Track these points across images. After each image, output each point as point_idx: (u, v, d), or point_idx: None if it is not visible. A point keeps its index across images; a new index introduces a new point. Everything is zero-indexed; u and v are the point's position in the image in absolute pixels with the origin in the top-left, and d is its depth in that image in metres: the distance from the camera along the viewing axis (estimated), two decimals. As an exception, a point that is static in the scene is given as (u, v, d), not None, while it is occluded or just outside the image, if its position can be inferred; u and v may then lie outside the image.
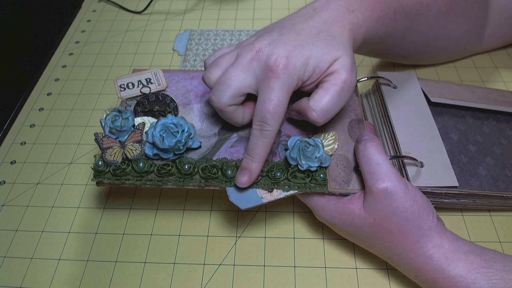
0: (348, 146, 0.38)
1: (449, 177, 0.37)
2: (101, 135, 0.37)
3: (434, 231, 0.33)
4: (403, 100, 0.43)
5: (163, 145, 0.35)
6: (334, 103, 0.34)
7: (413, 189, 0.33)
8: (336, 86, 0.33)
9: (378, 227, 0.34)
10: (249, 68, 0.34)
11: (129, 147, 0.37)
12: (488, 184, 0.39)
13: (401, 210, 0.33)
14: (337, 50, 0.33)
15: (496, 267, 0.31)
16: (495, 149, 0.42)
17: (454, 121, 0.43)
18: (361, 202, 0.34)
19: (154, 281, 0.39)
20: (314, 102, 0.33)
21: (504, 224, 0.42)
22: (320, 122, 0.34)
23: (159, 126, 0.36)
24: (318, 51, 0.33)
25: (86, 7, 0.73)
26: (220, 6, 0.71)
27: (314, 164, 0.35)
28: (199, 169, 0.36)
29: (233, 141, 0.39)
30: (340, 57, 0.33)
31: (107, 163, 0.36)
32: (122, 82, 0.43)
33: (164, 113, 0.41)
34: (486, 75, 0.56)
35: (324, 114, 0.34)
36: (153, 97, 0.42)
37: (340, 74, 0.33)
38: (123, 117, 0.37)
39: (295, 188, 0.36)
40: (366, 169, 0.34)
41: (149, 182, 0.36)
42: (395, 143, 0.39)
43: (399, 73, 0.46)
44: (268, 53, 0.33)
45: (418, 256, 0.33)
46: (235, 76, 0.34)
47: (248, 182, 0.35)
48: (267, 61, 0.33)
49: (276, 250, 0.41)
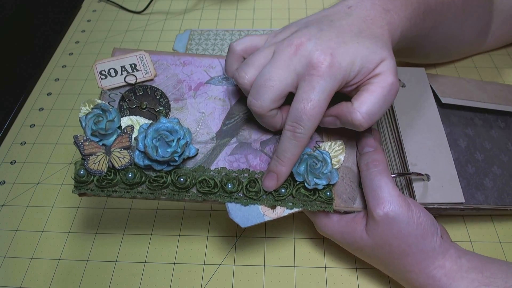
0: (354, 156, 0.37)
1: (455, 193, 0.36)
2: (82, 138, 0.32)
3: (437, 252, 0.32)
4: (411, 102, 0.41)
5: (157, 156, 0.32)
6: (381, 106, 0.31)
7: (417, 211, 0.32)
8: (383, 88, 0.31)
9: (379, 249, 0.33)
10: (289, 65, 0.31)
11: (116, 154, 0.32)
12: (493, 197, 0.38)
13: (404, 235, 0.32)
14: (382, 50, 0.31)
15: (496, 284, 0.31)
16: (502, 156, 0.41)
17: (463, 125, 0.42)
18: (364, 223, 0.34)
19: (154, 281, 0.39)
20: (360, 104, 0.31)
21: (504, 224, 0.42)
22: (364, 126, 0.31)
23: (151, 132, 0.32)
24: (364, 50, 0.31)
25: (86, 7, 0.73)
26: (220, 6, 0.71)
27: (322, 182, 0.33)
28: (196, 181, 0.33)
29: (233, 147, 0.36)
30: (386, 58, 0.31)
31: (90, 172, 0.32)
32: (103, 67, 0.36)
33: (154, 110, 0.36)
34: (486, 75, 0.56)
35: (370, 117, 0.31)
36: (140, 91, 0.37)
37: (387, 77, 0.31)
38: (107, 118, 0.32)
39: (299, 205, 0.34)
40: (368, 192, 0.33)
41: (139, 194, 0.33)
42: (402, 153, 0.38)
43: (407, 68, 0.44)
44: (311, 48, 0.30)
45: (419, 277, 0.33)
46: (276, 75, 0.31)
47: (275, 186, 0.33)
48: (310, 57, 0.30)
49: (276, 250, 0.41)
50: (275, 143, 0.36)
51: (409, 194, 0.36)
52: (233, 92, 0.38)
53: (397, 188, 0.33)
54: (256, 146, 0.36)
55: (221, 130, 0.36)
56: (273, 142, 0.36)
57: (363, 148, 0.36)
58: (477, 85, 0.47)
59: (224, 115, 0.37)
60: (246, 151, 0.36)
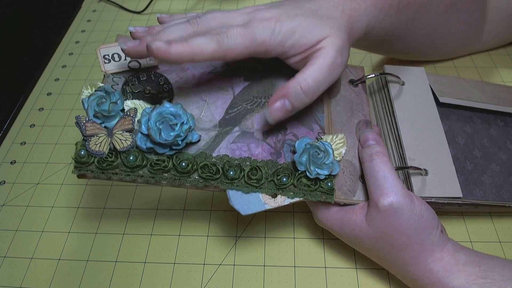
0: (355, 150, 0.37)
1: (453, 187, 0.36)
2: (84, 119, 0.32)
3: (436, 245, 0.33)
4: (410, 100, 0.42)
5: (160, 138, 0.32)
6: (324, 75, 0.33)
7: (419, 204, 0.32)
8: (324, 59, 0.33)
9: (379, 241, 0.33)
10: (241, 15, 0.34)
11: (118, 136, 0.32)
12: (491, 193, 0.39)
13: (405, 227, 0.32)
14: (329, 28, 0.33)
15: (493, 277, 0.31)
16: (500, 154, 0.42)
17: (461, 123, 0.43)
18: (363, 213, 0.34)
19: (154, 281, 0.39)
20: (304, 71, 0.33)
21: (504, 224, 0.42)
22: (312, 90, 0.33)
23: (154, 115, 0.32)
24: (308, 25, 0.33)
25: (86, 7, 0.73)
26: (220, 6, 0.71)
27: (324, 172, 0.33)
28: (198, 167, 0.33)
29: (235, 136, 0.36)
30: (330, 35, 0.33)
31: (91, 153, 0.31)
32: (107, 52, 0.36)
33: (157, 96, 0.36)
34: (486, 74, 0.56)
35: (315, 83, 0.33)
36: (144, 76, 0.37)
37: (328, 50, 0.33)
38: (111, 100, 0.32)
39: (300, 195, 0.34)
40: (372, 182, 0.33)
41: (140, 178, 0.32)
42: (400, 148, 0.39)
43: (407, 67, 0.45)
44: (263, 11, 0.34)
45: (417, 269, 0.33)
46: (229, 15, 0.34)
47: (157, 49, 0.30)
48: (259, 15, 0.33)
49: (276, 250, 0.41)
50: (277, 134, 0.36)
51: (407, 188, 0.36)
52: (237, 82, 0.39)
53: (400, 180, 0.33)
54: (258, 136, 0.36)
55: (224, 119, 0.36)
56: (275, 133, 0.37)
57: (365, 141, 0.36)
58: (476, 85, 0.47)
59: (227, 105, 0.37)
60: (248, 140, 0.36)
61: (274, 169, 0.34)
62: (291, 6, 0.34)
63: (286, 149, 0.36)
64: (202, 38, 0.31)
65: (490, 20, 0.53)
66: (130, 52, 0.33)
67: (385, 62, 0.59)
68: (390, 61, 0.58)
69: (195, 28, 0.33)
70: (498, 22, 0.53)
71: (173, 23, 0.34)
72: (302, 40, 0.33)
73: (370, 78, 0.42)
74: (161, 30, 0.33)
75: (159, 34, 0.32)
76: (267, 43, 0.33)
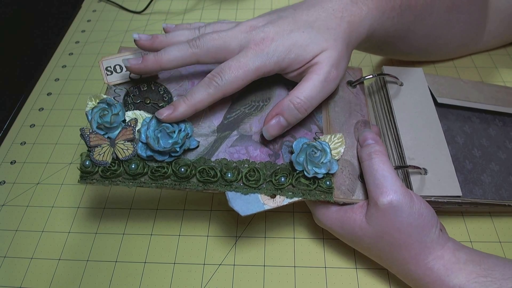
0: (354, 150, 0.37)
1: (452, 186, 0.36)
2: (88, 131, 0.34)
3: (436, 243, 0.33)
4: (408, 100, 0.42)
5: (158, 146, 0.33)
6: (318, 91, 0.34)
7: (418, 202, 0.33)
8: (318, 75, 0.34)
9: (379, 239, 0.33)
10: (237, 37, 0.34)
11: (120, 146, 0.34)
12: (491, 192, 0.39)
13: (405, 225, 0.32)
14: (325, 41, 0.34)
15: (494, 276, 0.31)
16: (500, 154, 0.42)
17: (460, 123, 0.43)
18: (363, 212, 0.34)
19: (154, 281, 0.39)
20: (297, 89, 0.34)
21: (504, 224, 0.42)
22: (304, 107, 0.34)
23: (153, 124, 0.33)
24: (304, 40, 0.34)
25: (86, 7, 0.73)
26: (220, 6, 0.71)
27: (321, 171, 0.34)
28: (197, 171, 0.34)
29: (233, 139, 0.36)
30: (326, 49, 0.34)
31: (95, 163, 0.33)
32: (109, 64, 0.38)
33: (157, 105, 0.37)
34: (486, 74, 0.56)
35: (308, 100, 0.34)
36: (144, 86, 0.38)
37: (323, 65, 0.34)
38: (112, 112, 0.34)
39: (299, 195, 0.34)
40: (371, 181, 0.33)
41: (142, 185, 0.34)
42: (399, 148, 0.39)
43: (405, 68, 0.45)
44: (259, 31, 0.34)
45: (418, 268, 0.33)
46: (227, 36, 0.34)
47: (166, 117, 0.33)
48: (256, 36, 0.34)
49: (276, 250, 0.41)
50: (276, 138, 0.37)
51: (407, 187, 0.37)
52: None
53: (399, 178, 0.33)
54: (256, 139, 0.37)
55: (222, 124, 0.37)
56: None
57: (364, 140, 0.36)
58: (474, 85, 0.47)
59: (226, 110, 0.38)
60: (247, 143, 0.36)
61: (272, 170, 0.35)
62: (287, 21, 0.35)
63: (285, 150, 0.36)
64: (200, 89, 0.33)
65: (491, 20, 0.53)
66: (132, 70, 0.35)
67: (385, 62, 0.59)
68: (390, 62, 0.58)
69: (194, 50, 0.34)
70: (498, 22, 0.53)
71: (177, 33, 0.37)
72: (298, 58, 0.34)
73: (368, 79, 0.42)
74: (163, 51, 0.35)
75: (161, 55, 0.34)
76: (263, 68, 0.34)
